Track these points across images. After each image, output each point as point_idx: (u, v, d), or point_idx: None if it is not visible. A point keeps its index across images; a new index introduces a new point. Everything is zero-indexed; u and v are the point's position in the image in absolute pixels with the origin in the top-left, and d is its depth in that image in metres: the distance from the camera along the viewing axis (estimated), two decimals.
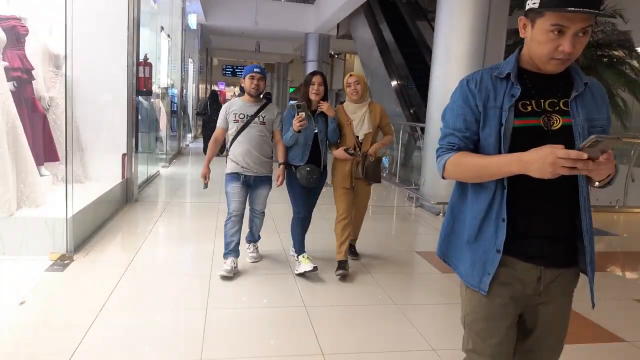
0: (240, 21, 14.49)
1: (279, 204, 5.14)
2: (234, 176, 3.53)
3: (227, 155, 3.59)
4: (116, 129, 5.52)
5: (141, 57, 5.98)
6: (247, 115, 3.49)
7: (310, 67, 16.05)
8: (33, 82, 4.51)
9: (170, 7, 9.78)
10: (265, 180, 3.63)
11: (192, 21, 12.99)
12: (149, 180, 7.13)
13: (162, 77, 9.38)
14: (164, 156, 9.33)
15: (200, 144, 12.99)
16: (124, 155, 5.52)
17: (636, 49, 7.91)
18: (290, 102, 2.67)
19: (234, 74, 28.14)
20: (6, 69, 4.08)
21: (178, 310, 2.96)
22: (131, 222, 5.02)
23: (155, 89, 7.71)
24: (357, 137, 3.62)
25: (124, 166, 5.54)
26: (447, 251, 1.57)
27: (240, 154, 3.49)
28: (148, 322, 2.78)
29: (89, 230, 4.25)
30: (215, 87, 26.38)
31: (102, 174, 5.33)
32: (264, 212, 3.80)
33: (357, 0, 10.91)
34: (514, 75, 1.40)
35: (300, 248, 3.65)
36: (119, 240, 4.47)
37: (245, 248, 3.86)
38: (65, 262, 3.56)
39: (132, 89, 5.55)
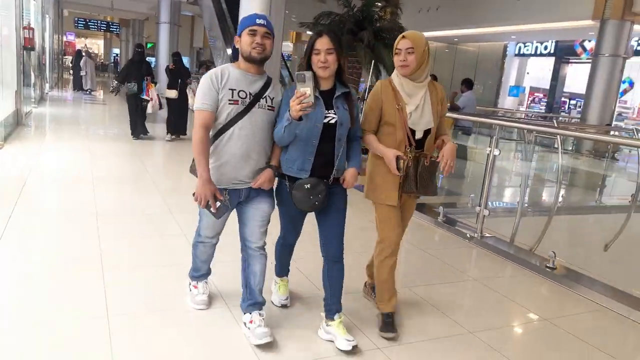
0: None
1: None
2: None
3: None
4: (10, 74, 7.93)
5: (25, 23, 8.32)
6: (250, 95, 2.29)
7: (163, 29, 18.24)
8: None
9: None
10: (264, 194, 2.42)
11: None
12: (27, 114, 9.50)
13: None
14: (33, 99, 11.43)
15: (55, 92, 15.45)
16: (15, 92, 7.99)
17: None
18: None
19: (86, 27, 28.65)
20: None
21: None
22: (28, 132, 7.77)
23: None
24: (413, 131, 2.44)
25: (16, 99, 8.02)
26: None
27: (233, 156, 2.30)
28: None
29: (7, 133, 6.90)
30: (64, 38, 27.06)
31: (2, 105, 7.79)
32: (264, 248, 2.47)
33: None
34: None
35: (282, 270, 2.75)
36: (27, 140, 7.23)
37: (244, 322, 2.41)
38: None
39: (20, 46, 7.96)
